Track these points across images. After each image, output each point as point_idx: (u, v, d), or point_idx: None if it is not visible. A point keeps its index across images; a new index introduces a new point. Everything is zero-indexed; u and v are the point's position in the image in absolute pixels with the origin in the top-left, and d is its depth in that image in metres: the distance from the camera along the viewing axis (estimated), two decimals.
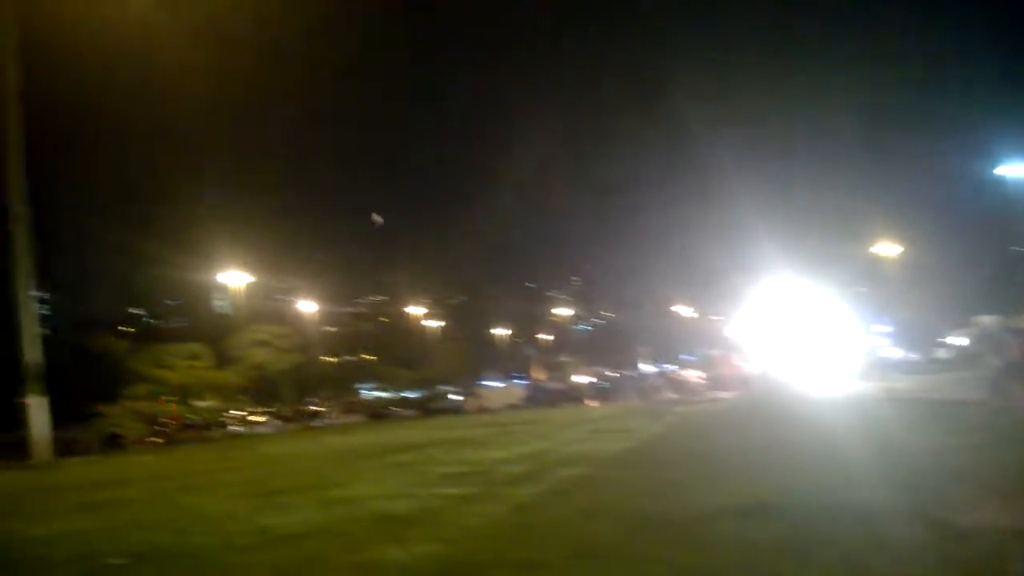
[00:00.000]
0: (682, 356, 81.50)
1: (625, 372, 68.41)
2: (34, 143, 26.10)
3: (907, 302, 48.38)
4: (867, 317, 47.55)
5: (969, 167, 42.40)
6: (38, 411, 23.83)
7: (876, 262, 48.76)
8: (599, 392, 51.19)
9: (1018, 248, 43.38)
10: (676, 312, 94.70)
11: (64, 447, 44.83)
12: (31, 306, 25.64)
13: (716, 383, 42.56)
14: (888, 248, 47.34)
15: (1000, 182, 37.07)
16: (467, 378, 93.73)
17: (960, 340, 40.55)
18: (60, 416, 30.81)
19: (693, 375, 49.83)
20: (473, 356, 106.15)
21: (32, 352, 24.25)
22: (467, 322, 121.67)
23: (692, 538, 4.97)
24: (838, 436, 11.31)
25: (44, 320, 27.20)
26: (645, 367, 63.51)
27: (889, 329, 50.43)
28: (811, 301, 36.01)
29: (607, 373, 63.30)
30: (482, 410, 51.08)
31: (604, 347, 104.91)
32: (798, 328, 35.50)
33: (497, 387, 65.22)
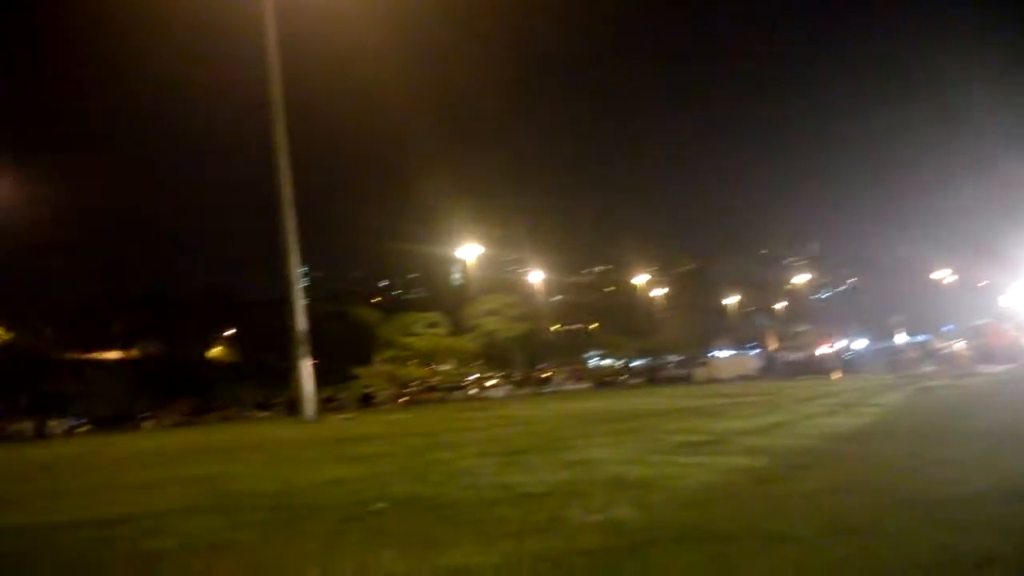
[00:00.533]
0: (944, 327, 73.39)
1: (875, 342, 63.10)
2: (296, 135, 29.30)
3: None
4: None
5: None
6: (305, 373, 26.81)
7: None
8: (844, 364, 47.73)
9: None
10: (936, 278, 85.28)
11: (326, 404, 50.64)
12: (298, 281, 28.85)
13: (983, 355, 38.01)
14: None
15: None
16: (696, 348, 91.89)
17: None
18: (322, 377, 34.64)
19: (956, 346, 44.80)
20: (702, 325, 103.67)
21: (300, 321, 27.30)
22: (695, 290, 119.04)
23: (958, 520, 4.47)
24: None
25: (306, 292, 30.49)
26: (899, 337, 58.01)
27: None
28: None
29: (853, 343, 58.83)
30: (712, 380, 49.75)
31: (849, 316, 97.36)
32: None
33: (728, 357, 63.03)
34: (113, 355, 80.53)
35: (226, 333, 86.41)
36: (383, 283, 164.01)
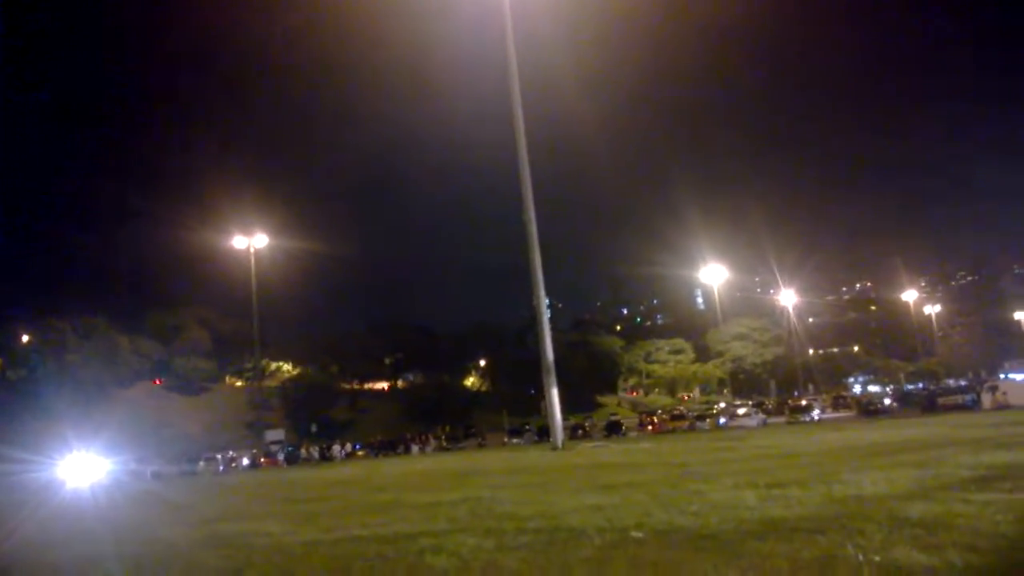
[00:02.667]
0: None
1: None
2: (538, 164, 30.60)
3: None
4: None
5: None
6: (554, 401, 27.54)
7: None
8: None
9: None
10: None
11: (574, 432, 51.50)
12: (545, 313, 29.90)
13: None
14: None
15: None
16: (981, 370, 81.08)
17: None
18: (569, 405, 35.35)
19: None
20: (988, 344, 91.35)
21: (548, 351, 28.18)
22: (979, 304, 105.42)
23: None
24: None
25: (551, 323, 31.47)
26: None
27: None
28: None
29: None
30: (1005, 407, 43.53)
31: None
32: None
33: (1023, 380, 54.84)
34: (383, 385, 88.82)
35: (480, 363, 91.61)
36: (624, 310, 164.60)
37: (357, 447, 60.51)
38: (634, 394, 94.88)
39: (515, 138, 29.59)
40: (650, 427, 56.55)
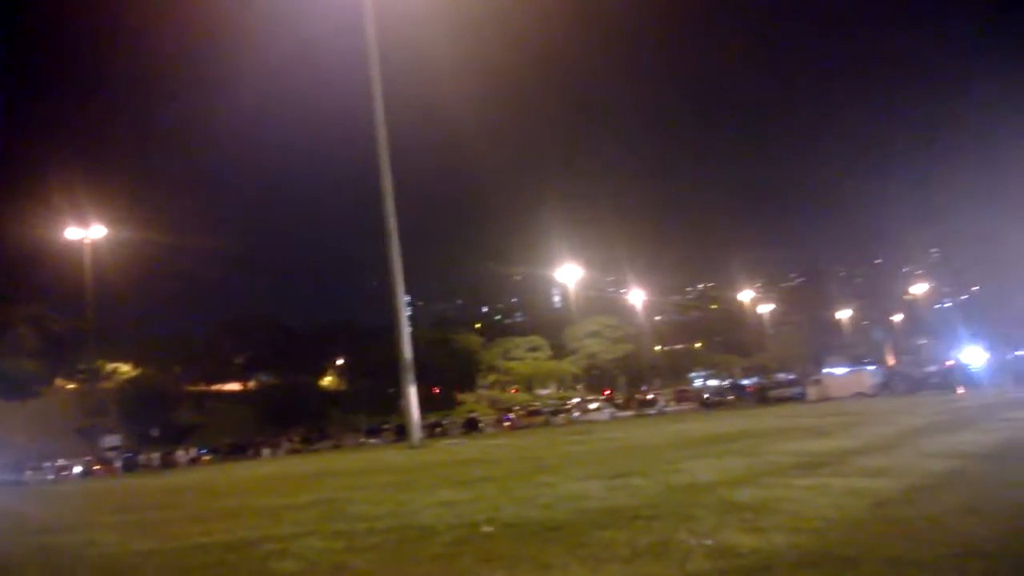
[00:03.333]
0: None
1: (1003, 354, 58.95)
2: (400, 163, 30.27)
3: None
4: None
5: None
6: (412, 400, 27.36)
7: None
8: (969, 378, 44.81)
9: None
10: None
11: (432, 430, 51.51)
12: (404, 310, 29.62)
13: None
14: None
15: None
16: (807, 365, 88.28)
17: None
18: (428, 403, 35.27)
19: None
20: (814, 341, 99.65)
21: (406, 349, 27.96)
22: (805, 304, 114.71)
23: None
24: None
25: (409, 320, 31.22)
26: None
27: None
28: None
29: (978, 356, 55.10)
30: (826, 399, 47.64)
31: (973, 326, 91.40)
32: None
33: (843, 374, 60.27)
34: (234, 386, 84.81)
35: (337, 362, 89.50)
36: (484, 309, 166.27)
37: (203, 452, 57.54)
38: (493, 391, 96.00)
39: (376, 133, 29.14)
40: (507, 423, 57.51)
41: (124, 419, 66.87)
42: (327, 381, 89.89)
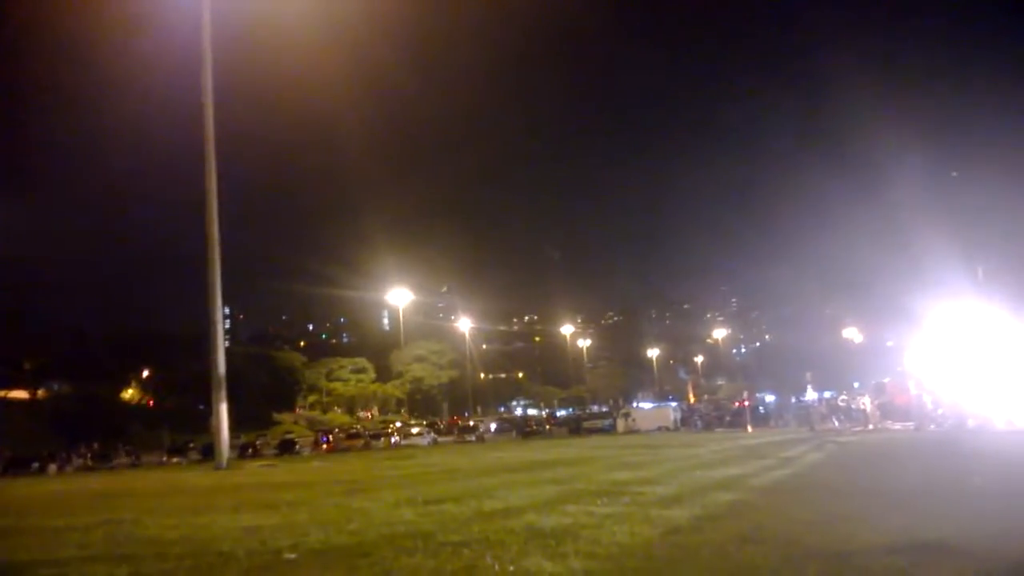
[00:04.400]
0: (854, 383, 76.38)
1: (787, 398, 65.15)
2: (226, 179, 28.89)
3: None
4: None
5: None
6: (222, 417, 25.90)
7: None
8: (757, 418, 49.06)
9: None
10: (846, 336, 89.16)
11: (244, 451, 48.89)
12: (221, 322, 28.09)
13: (888, 412, 39.66)
14: None
15: None
16: (619, 398, 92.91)
17: None
18: (242, 423, 33.45)
19: (862, 403, 46.67)
20: (626, 376, 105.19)
21: (220, 363, 26.47)
22: (620, 342, 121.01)
23: (858, 572, 4.76)
24: None
25: (227, 334, 29.68)
26: (809, 393, 60.32)
27: None
28: (1000, 325, 32.76)
29: (766, 398, 60.64)
30: (633, 431, 50.34)
31: (764, 371, 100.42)
32: (985, 354, 32.34)
33: (650, 409, 64.07)
34: (21, 394, 75.95)
35: (142, 374, 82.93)
36: (310, 326, 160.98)
37: None
38: (313, 412, 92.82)
39: (204, 137, 27.67)
40: (325, 446, 55.76)
41: None
42: (130, 394, 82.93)
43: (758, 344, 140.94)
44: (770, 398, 63.29)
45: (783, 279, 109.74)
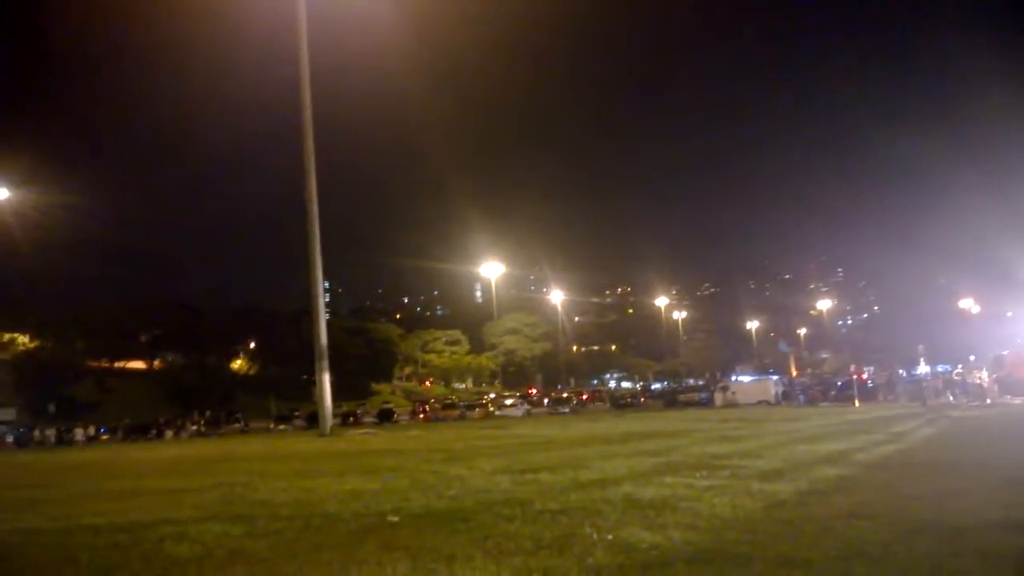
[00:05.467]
0: (970, 356, 72.23)
1: (899, 371, 62.23)
2: (323, 151, 29.70)
3: None
4: None
5: None
6: (325, 387, 26.91)
7: None
8: (866, 392, 47.13)
9: None
10: (962, 307, 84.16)
11: (345, 419, 50.73)
12: (321, 295, 29.08)
13: (1007, 387, 37.36)
14: None
15: None
16: (715, 372, 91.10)
17: None
18: (342, 392, 34.62)
19: (979, 377, 44.10)
20: (723, 349, 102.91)
21: (322, 335, 27.46)
22: (717, 314, 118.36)
23: (970, 548, 4.48)
24: None
25: (327, 306, 30.67)
26: (922, 366, 57.38)
27: None
28: None
29: (876, 371, 58.08)
30: (732, 405, 49.28)
31: (872, 344, 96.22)
32: None
33: (749, 382, 62.49)
34: (138, 365, 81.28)
35: (249, 346, 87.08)
36: (405, 299, 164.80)
37: (102, 431, 55.00)
38: (410, 383, 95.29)
39: (302, 117, 28.48)
40: (422, 415, 57.22)
41: (19, 393, 63.36)
42: (238, 365, 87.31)
43: (866, 316, 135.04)
44: (881, 372, 60.45)
45: (894, 248, 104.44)
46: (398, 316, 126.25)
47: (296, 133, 28.70)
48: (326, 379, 26.91)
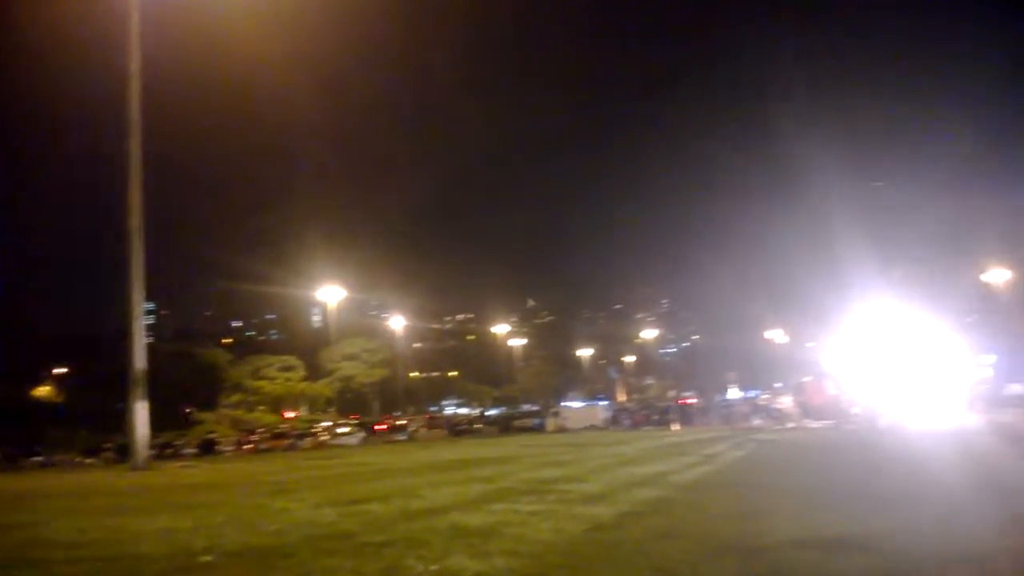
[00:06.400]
0: (775, 383, 78.94)
1: (712, 397, 66.84)
2: (148, 166, 27.80)
3: (1018, 331, 45.75)
4: (974, 346, 45.19)
5: None
6: (140, 416, 24.95)
7: (986, 288, 46.60)
8: (683, 416, 50.18)
9: None
10: (768, 337, 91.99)
11: (162, 451, 47.35)
12: (140, 315, 27.07)
13: (807, 411, 41.12)
14: (999, 274, 45.19)
15: None
16: (550, 398, 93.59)
17: None
18: (161, 422, 32.28)
19: (782, 402, 48.26)
20: (557, 376, 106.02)
21: (138, 359, 25.50)
22: (552, 341, 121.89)
23: (772, 566, 4.90)
24: (936, 471, 10.83)
25: (150, 329, 28.61)
26: (732, 392, 62.03)
27: (996, 359, 47.51)
28: (913, 328, 34.42)
29: (692, 397, 62.08)
30: (563, 430, 50.83)
31: (691, 371, 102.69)
32: (899, 356, 33.91)
33: (579, 408, 64.83)
34: None
35: (55, 374, 79.30)
36: (237, 323, 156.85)
37: None
38: (238, 412, 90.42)
39: (128, 132, 26.58)
40: (249, 446, 54.52)
41: None
42: (43, 395, 79.21)
43: (687, 344, 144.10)
44: (698, 397, 64.82)
45: (713, 281, 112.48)
46: (228, 340, 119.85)
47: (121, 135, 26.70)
48: (139, 407, 24.91)
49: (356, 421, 68.32)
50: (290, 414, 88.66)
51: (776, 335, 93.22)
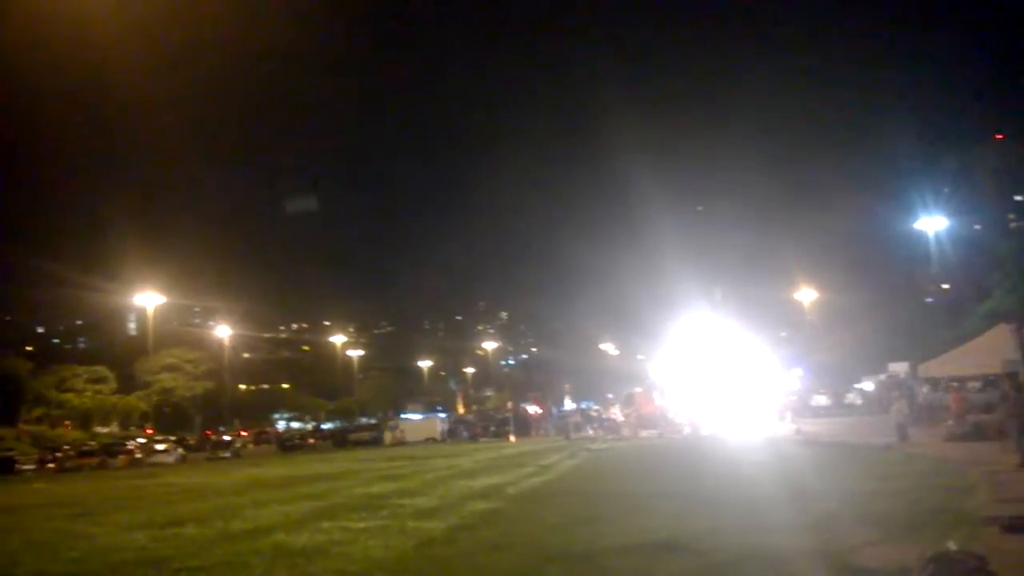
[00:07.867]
0: (608, 394, 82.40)
1: (551, 408, 68.62)
2: None
3: (824, 347, 50.55)
4: (785, 360, 49.44)
5: (888, 220, 45.63)
6: None
7: (797, 307, 51.22)
8: (521, 427, 51.09)
9: (930, 299, 46.24)
10: (602, 350, 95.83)
11: None
12: None
13: (636, 422, 43.10)
14: (808, 294, 49.88)
15: (917, 236, 39.49)
16: (388, 410, 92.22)
17: (872, 385, 42.47)
18: None
19: (614, 413, 50.31)
20: (396, 388, 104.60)
21: None
22: (393, 352, 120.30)
23: (598, 572, 5.04)
24: (751, 478, 11.63)
25: None
26: (567, 403, 63.99)
27: (803, 373, 52.15)
28: (731, 343, 37.13)
29: (530, 409, 63.39)
30: (401, 443, 50.20)
31: (528, 382, 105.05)
32: (718, 369, 36.42)
33: (418, 420, 64.37)
34: None
35: None
36: (40, 329, 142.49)
37: None
38: (40, 427, 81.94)
39: None
40: (51, 464, 49.51)
41: None
42: None
43: (525, 356, 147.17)
44: (535, 408, 66.23)
45: (551, 295, 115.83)
46: (29, 348, 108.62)
47: None
48: None
49: (174, 438, 63.98)
50: (102, 429, 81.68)
51: (609, 348, 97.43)
